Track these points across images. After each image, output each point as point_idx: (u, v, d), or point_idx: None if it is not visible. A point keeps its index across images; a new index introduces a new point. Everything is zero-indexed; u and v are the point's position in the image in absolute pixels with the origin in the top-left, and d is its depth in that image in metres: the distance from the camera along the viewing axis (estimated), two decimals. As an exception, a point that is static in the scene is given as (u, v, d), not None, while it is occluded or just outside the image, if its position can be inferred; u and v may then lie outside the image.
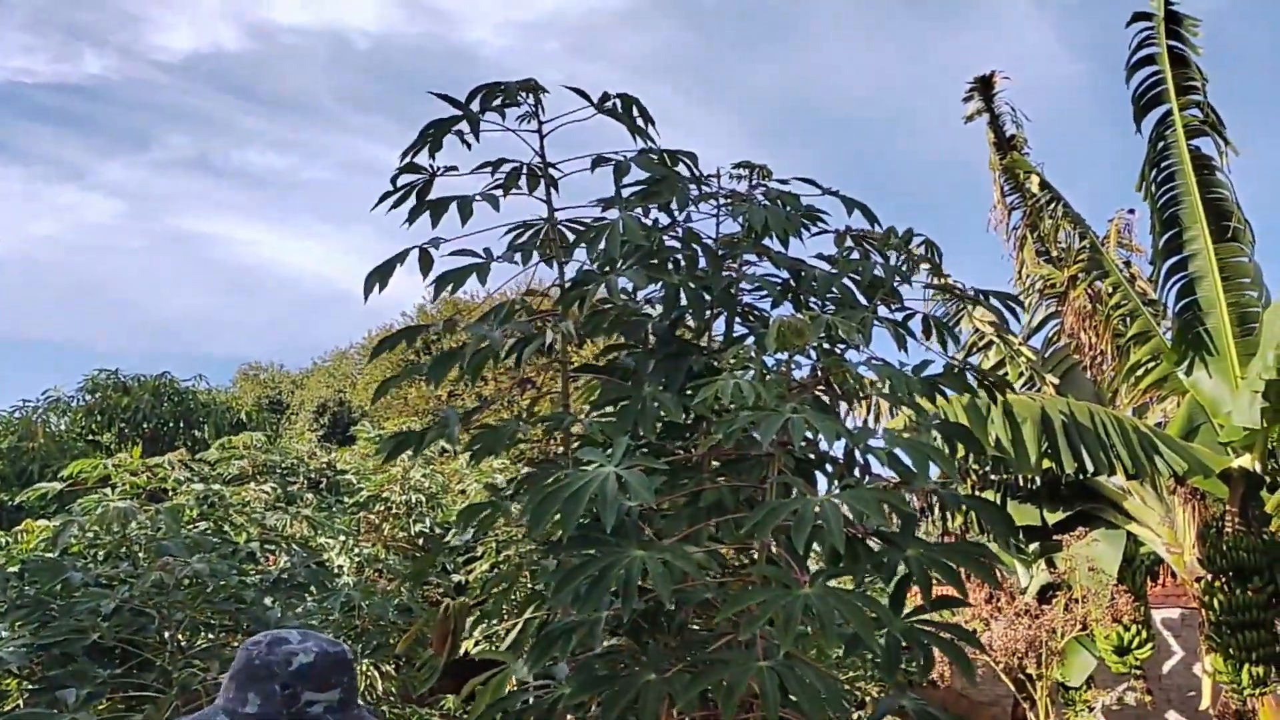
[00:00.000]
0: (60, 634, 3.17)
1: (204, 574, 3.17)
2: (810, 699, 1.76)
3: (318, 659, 1.83)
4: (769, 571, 1.95)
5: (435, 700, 6.38)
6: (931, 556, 2.00)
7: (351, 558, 5.79)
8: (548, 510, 2.01)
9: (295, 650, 1.83)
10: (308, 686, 1.80)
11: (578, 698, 2.03)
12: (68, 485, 4.36)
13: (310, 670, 1.80)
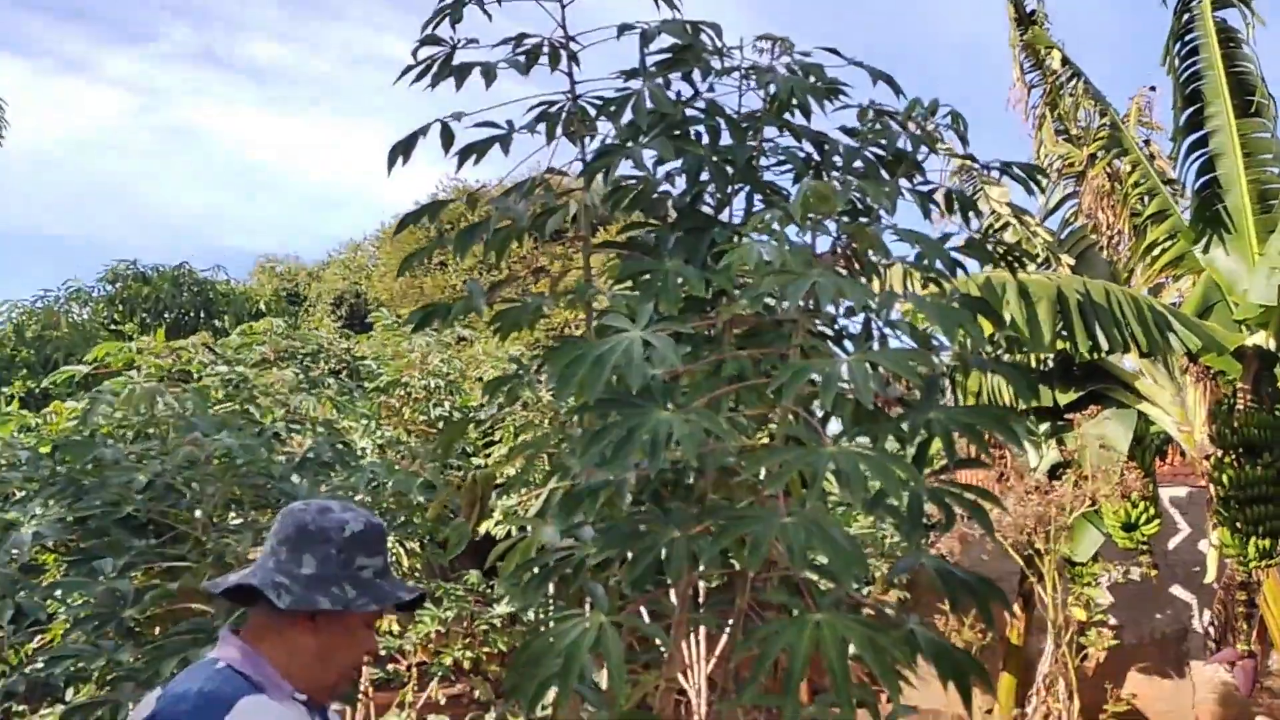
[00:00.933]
0: (94, 508, 3.25)
1: (233, 449, 3.24)
2: (836, 554, 1.80)
3: (368, 527, 1.95)
4: (794, 431, 1.97)
5: (459, 575, 6.56)
6: (955, 418, 2.03)
7: (374, 440, 5.89)
8: (572, 376, 2.02)
9: (345, 519, 1.94)
10: (360, 552, 1.91)
11: (603, 555, 2.08)
12: (93, 369, 4.42)
13: (362, 537, 1.92)
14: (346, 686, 1.94)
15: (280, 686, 1.83)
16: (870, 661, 1.78)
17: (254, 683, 1.81)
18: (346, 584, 1.87)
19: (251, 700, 1.77)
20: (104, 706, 2.87)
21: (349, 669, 1.91)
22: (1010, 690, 9.11)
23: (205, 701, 1.74)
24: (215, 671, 1.82)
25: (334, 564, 1.88)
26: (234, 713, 1.73)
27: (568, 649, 1.97)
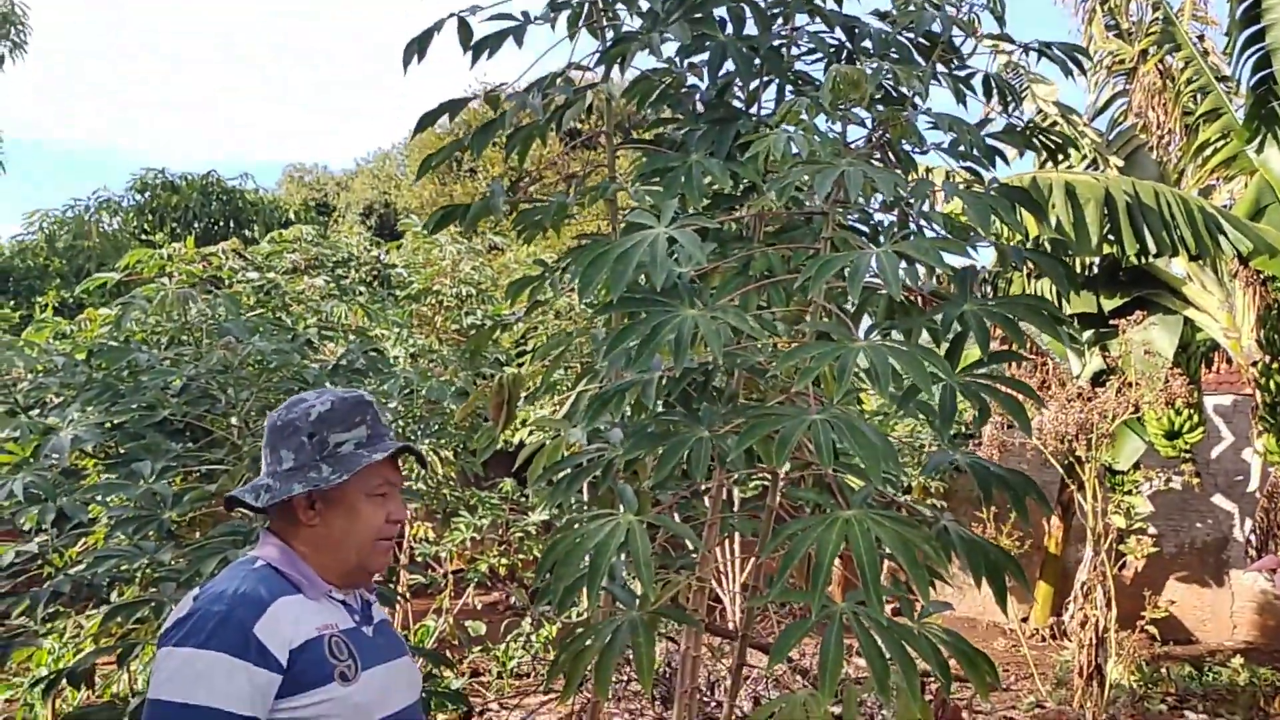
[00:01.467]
0: (130, 413, 3.26)
1: (267, 352, 3.23)
2: (866, 450, 1.76)
3: (336, 404, 1.90)
4: (823, 326, 1.92)
5: (493, 484, 6.61)
6: (990, 310, 1.96)
7: (406, 349, 5.89)
8: (596, 274, 1.98)
9: (312, 403, 1.91)
10: (333, 429, 1.87)
11: (631, 455, 2.05)
12: (125, 276, 4.43)
13: (330, 415, 1.88)
14: (379, 562, 1.90)
15: (316, 584, 1.84)
16: (900, 557, 1.76)
17: (292, 581, 1.82)
18: (323, 465, 1.85)
19: (287, 602, 1.77)
20: (147, 606, 2.91)
21: (368, 545, 1.88)
22: (1047, 599, 9.13)
23: (241, 601, 1.73)
24: (253, 571, 1.82)
25: (308, 450, 1.87)
26: (268, 614, 1.73)
27: (595, 548, 1.96)
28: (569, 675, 2.11)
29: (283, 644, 1.72)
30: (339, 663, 1.77)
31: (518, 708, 6.22)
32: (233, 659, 1.67)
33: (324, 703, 1.73)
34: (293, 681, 1.71)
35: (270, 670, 1.69)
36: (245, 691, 1.67)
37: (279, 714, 1.71)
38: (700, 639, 2.71)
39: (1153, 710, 6.76)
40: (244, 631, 1.69)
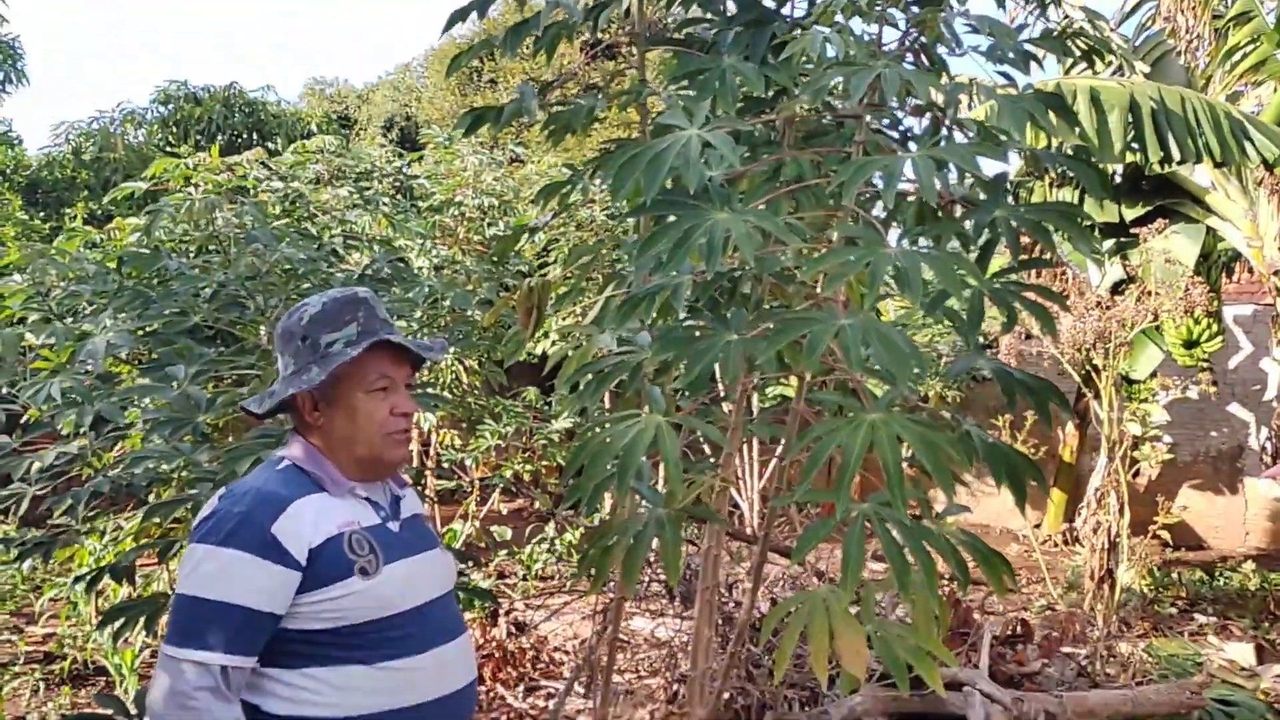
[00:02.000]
0: (162, 319, 3.31)
1: (295, 259, 3.27)
2: (893, 355, 1.79)
3: (326, 305, 1.93)
4: (854, 231, 1.94)
5: (517, 393, 6.69)
6: (1022, 216, 1.97)
7: (430, 260, 5.92)
8: (628, 177, 1.99)
9: (306, 305, 1.95)
10: (323, 330, 1.90)
11: (660, 357, 2.08)
12: (152, 186, 4.45)
13: (321, 316, 1.92)
14: (393, 455, 1.94)
15: (339, 482, 1.88)
16: (925, 459, 1.79)
17: (315, 479, 1.87)
18: (314, 366, 1.88)
19: (307, 501, 1.82)
20: (184, 505, 3.00)
21: (376, 440, 1.90)
22: (1061, 506, 9.24)
23: (261, 501, 1.79)
24: (277, 470, 1.88)
25: (304, 353, 1.90)
26: (286, 514, 1.78)
27: (625, 448, 2.00)
28: (597, 570, 2.18)
29: (301, 543, 1.77)
30: (359, 558, 1.81)
31: (542, 608, 6.38)
32: (251, 557, 1.73)
33: (344, 597, 1.78)
34: (313, 577, 1.77)
35: (288, 568, 1.75)
36: (263, 588, 1.73)
37: (301, 608, 1.76)
38: (722, 538, 2.78)
39: (1163, 613, 6.89)
40: (262, 531, 1.75)
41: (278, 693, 1.77)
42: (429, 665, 1.86)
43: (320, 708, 1.76)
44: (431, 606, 1.91)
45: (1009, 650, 5.72)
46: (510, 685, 5.10)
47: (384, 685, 1.80)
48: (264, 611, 1.73)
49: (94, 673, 5.49)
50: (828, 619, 1.95)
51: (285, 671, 1.77)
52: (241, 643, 1.72)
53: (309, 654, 1.77)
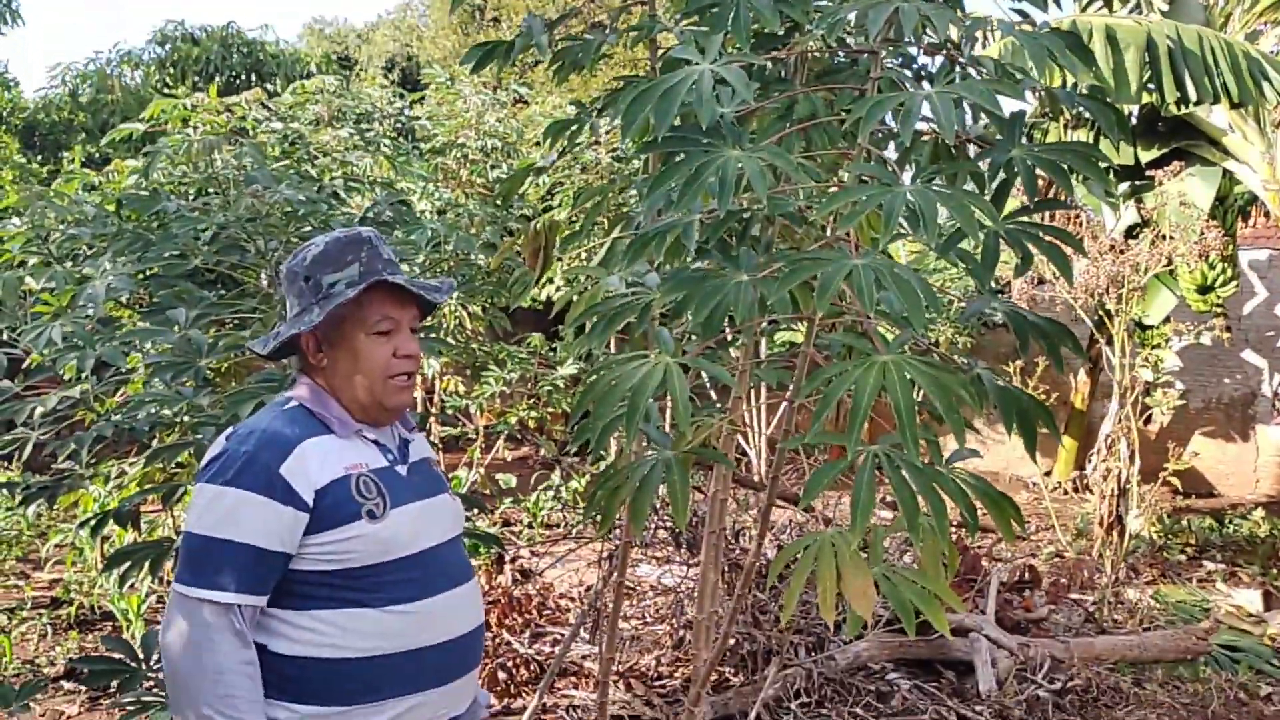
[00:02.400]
0: (162, 261, 3.27)
1: (294, 200, 3.22)
2: (907, 296, 1.74)
3: (329, 245, 1.91)
4: (868, 170, 1.88)
5: (521, 339, 6.66)
6: (1038, 156, 1.92)
7: (432, 203, 5.85)
8: (638, 112, 1.94)
9: (310, 245, 1.93)
10: (324, 271, 1.88)
11: (670, 296, 2.04)
12: (150, 127, 4.38)
13: (323, 256, 1.89)
14: (395, 399, 1.92)
15: (346, 423, 1.87)
16: (937, 401, 1.76)
17: (322, 420, 1.86)
18: (315, 307, 1.87)
19: (315, 442, 1.82)
20: (187, 449, 2.98)
21: (379, 382, 1.89)
22: (1071, 453, 9.23)
23: (268, 442, 1.78)
24: (284, 411, 1.86)
25: (306, 294, 1.89)
26: (294, 455, 1.78)
27: (633, 389, 1.97)
28: (604, 512, 2.15)
29: (308, 484, 1.77)
30: (366, 501, 1.81)
31: (548, 555, 6.39)
32: (259, 497, 1.73)
33: (352, 539, 1.78)
34: (320, 519, 1.77)
35: (296, 509, 1.75)
36: (272, 528, 1.73)
37: (308, 549, 1.77)
38: (729, 483, 2.76)
39: (1171, 560, 6.89)
40: (269, 472, 1.75)
41: (284, 633, 1.78)
42: (435, 609, 1.86)
43: (325, 649, 1.77)
44: (439, 551, 1.91)
45: (1016, 597, 5.73)
46: (516, 631, 5.12)
47: (389, 628, 1.80)
48: (274, 551, 1.74)
49: (100, 618, 5.52)
50: (835, 561, 1.93)
51: (291, 613, 1.78)
52: (253, 582, 1.73)
53: (315, 595, 1.78)
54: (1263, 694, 4.93)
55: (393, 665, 1.80)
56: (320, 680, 1.76)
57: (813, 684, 4.68)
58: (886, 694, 4.80)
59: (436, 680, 1.86)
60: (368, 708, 1.78)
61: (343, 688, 1.77)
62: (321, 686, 1.76)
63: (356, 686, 1.78)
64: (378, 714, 1.79)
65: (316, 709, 1.77)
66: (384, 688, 1.79)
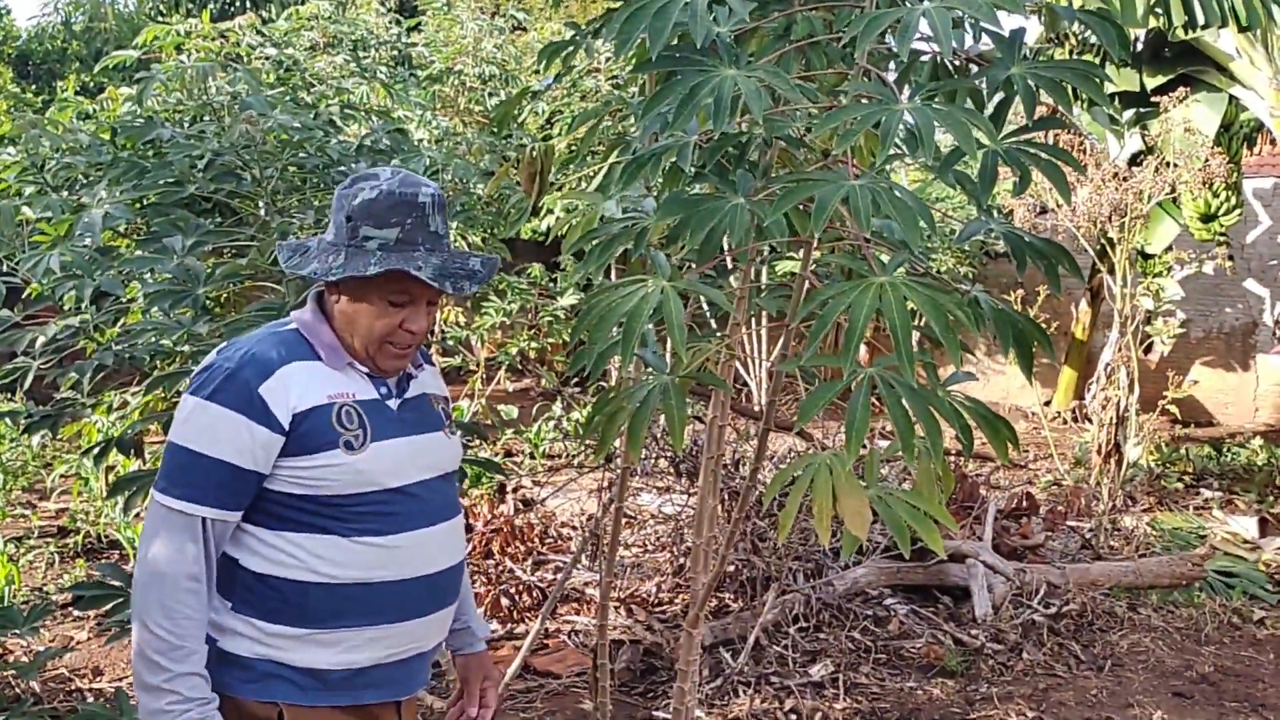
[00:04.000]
0: (158, 189, 3.25)
1: (289, 125, 3.19)
2: (903, 215, 1.73)
3: (380, 196, 1.82)
4: (873, 89, 1.86)
5: (521, 270, 6.65)
6: (1038, 74, 1.89)
7: (430, 131, 5.80)
8: (633, 31, 1.91)
9: (365, 185, 1.84)
10: (366, 221, 1.82)
11: (665, 219, 2.03)
12: (143, 55, 4.33)
13: (370, 206, 1.82)
14: (387, 364, 1.88)
15: (338, 354, 1.86)
16: (933, 321, 1.76)
17: (314, 347, 1.85)
18: (345, 252, 1.82)
19: (299, 366, 1.81)
20: (186, 377, 2.98)
21: (375, 344, 1.85)
22: (1071, 383, 9.25)
23: (251, 361, 1.79)
24: (277, 333, 1.86)
25: (344, 231, 1.84)
26: (275, 376, 1.78)
27: (629, 313, 1.96)
28: (603, 435, 2.16)
29: (286, 406, 1.77)
30: (345, 431, 1.80)
31: (549, 485, 6.45)
32: (235, 414, 1.74)
33: (326, 467, 1.78)
34: (295, 443, 1.77)
35: (271, 430, 1.75)
36: (246, 445, 1.74)
37: (281, 471, 1.78)
38: (727, 409, 2.77)
39: (1169, 488, 6.95)
40: (248, 390, 1.75)
41: (255, 549, 1.80)
42: (409, 544, 1.85)
43: (293, 570, 1.79)
44: (422, 488, 1.89)
45: (1013, 524, 5.79)
46: (519, 559, 5.19)
47: (358, 559, 1.81)
48: (246, 469, 1.75)
49: (107, 546, 5.60)
50: (831, 481, 1.94)
51: (263, 530, 1.80)
52: (224, 496, 1.76)
53: (287, 517, 1.80)
54: (1256, 618, 5.01)
55: (356, 594, 1.81)
56: (284, 600, 1.79)
57: (811, 609, 4.76)
58: (884, 619, 4.87)
59: (399, 615, 1.86)
60: (326, 633, 1.80)
61: (304, 610, 1.79)
62: (284, 606, 1.79)
63: (318, 611, 1.80)
64: (335, 641, 1.81)
65: (277, 627, 1.79)
66: (344, 615, 1.81)
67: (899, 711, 4.07)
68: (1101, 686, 4.29)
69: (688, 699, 2.68)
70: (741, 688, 4.17)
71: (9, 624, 2.92)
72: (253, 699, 1.80)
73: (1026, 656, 4.51)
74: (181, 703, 1.70)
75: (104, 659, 4.37)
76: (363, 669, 1.84)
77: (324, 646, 1.81)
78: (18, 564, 5.02)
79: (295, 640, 1.80)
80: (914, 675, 4.38)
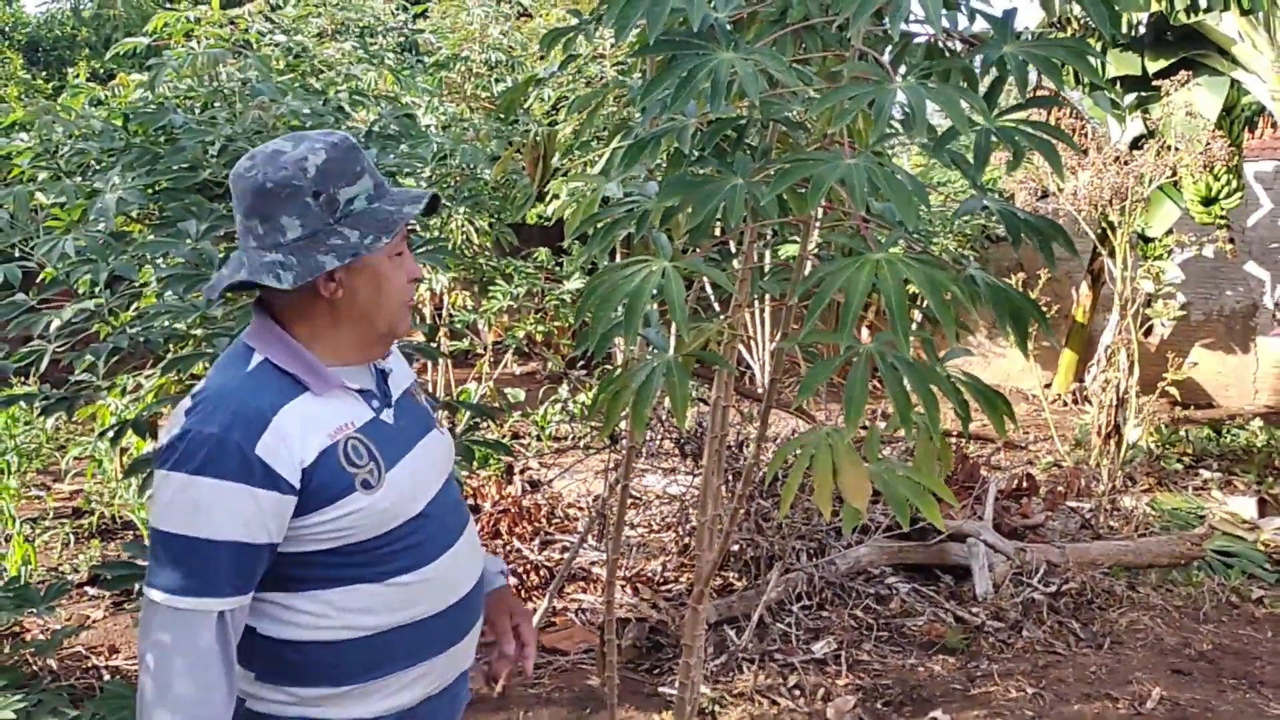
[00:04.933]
0: (170, 174, 3.30)
1: (300, 112, 3.24)
2: (898, 194, 1.78)
3: (332, 152, 1.60)
4: (861, 69, 1.91)
5: (528, 254, 6.70)
6: (1031, 52, 1.94)
7: (437, 117, 5.85)
8: (632, 16, 1.96)
9: (303, 156, 1.59)
10: (338, 184, 1.60)
11: (665, 202, 2.08)
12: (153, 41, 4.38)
13: (330, 166, 1.59)
14: (404, 326, 1.71)
15: (324, 377, 1.62)
16: (928, 297, 1.81)
17: (295, 378, 1.60)
18: (344, 228, 1.59)
19: (291, 411, 1.56)
20: (200, 359, 3.05)
21: (396, 310, 1.69)
22: (1071, 366, 9.29)
23: (236, 420, 1.51)
24: (249, 374, 1.58)
25: (317, 213, 1.58)
26: (270, 431, 1.52)
27: (631, 293, 2.02)
28: (608, 414, 2.22)
29: (292, 463, 1.53)
30: (359, 470, 1.59)
31: (556, 466, 6.51)
32: (233, 484, 1.49)
33: (347, 515, 1.58)
34: (309, 499, 1.55)
35: (280, 492, 1.52)
36: (253, 517, 1.50)
37: (299, 531, 1.56)
38: (731, 389, 2.82)
39: (1169, 469, 6.99)
40: (242, 454, 1.49)
41: (276, 615, 1.60)
42: (440, 571, 1.70)
43: (323, 630, 1.60)
44: (437, 503, 1.73)
45: (1014, 504, 5.84)
46: (526, 539, 5.25)
47: (390, 602, 1.63)
48: (259, 544, 1.52)
49: (121, 527, 5.69)
50: (831, 455, 1.99)
51: (284, 595, 1.59)
52: (239, 581, 1.52)
53: (310, 577, 1.59)
54: (1254, 597, 5.06)
55: (395, 639, 1.64)
56: (318, 661, 1.61)
57: (814, 588, 4.83)
58: (885, 597, 4.94)
59: (440, 646, 1.72)
60: (369, 684, 1.64)
61: (343, 667, 1.61)
62: (320, 668, 1.61)
63: (358, 665, 1.62)
64: (381, 689, 1.65)
65: (314, 690, 1.61)
66: (386, 663, 1.64)
67: (901, 688, 4.13)
68: (1101, 664, 4.35)
69: (693, 674, 2.74)
70: (745, 664, 4.24)
71: (27, 603, 2.99)
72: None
73: (1026, 634, 4.57)
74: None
75: (119, 637, 4.45)
76: (410, 709, 1.70)
77: (368, 696, 1.64)
78: (34, 545, 5.10)
79: (337, 697, 1.63)
80: (915, 652, 4.44)
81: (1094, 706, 4.01)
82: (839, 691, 4.09)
